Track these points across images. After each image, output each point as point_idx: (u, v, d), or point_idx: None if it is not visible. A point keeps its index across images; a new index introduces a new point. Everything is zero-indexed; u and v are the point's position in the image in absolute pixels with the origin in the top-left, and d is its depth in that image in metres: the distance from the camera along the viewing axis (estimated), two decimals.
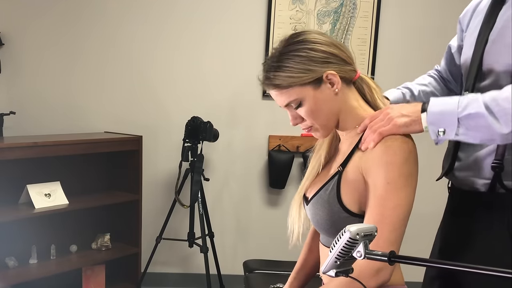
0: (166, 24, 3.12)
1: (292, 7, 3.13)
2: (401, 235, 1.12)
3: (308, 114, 1.21)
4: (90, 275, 2.88)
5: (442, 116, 1.11)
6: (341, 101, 1.22)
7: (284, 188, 3.24)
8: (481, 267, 0.78)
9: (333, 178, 1.21)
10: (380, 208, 1.11)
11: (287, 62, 1.18)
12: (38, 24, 3.03)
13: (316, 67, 1.17)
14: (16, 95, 3.04)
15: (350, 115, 1.24)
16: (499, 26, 1.23)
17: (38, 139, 2.54)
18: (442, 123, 1.11)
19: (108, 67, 3.12)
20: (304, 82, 1.18)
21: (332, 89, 1.19)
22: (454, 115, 1.10)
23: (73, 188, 2.77)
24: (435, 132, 1.12)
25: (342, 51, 1.22)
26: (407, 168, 1.12)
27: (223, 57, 3.16)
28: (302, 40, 1.20)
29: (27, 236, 2.67)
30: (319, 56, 1.18)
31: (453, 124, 1.10)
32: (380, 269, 1.10)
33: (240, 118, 3.22)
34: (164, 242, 3.00)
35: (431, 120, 1.12)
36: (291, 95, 1.20)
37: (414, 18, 3.19)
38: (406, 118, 1.14)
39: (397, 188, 1.11)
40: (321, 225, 1.23)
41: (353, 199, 1.17)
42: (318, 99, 1.19)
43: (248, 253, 3.21)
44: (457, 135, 1.10)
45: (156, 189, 3.21)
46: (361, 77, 1.27)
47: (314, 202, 1.24)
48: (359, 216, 1.17)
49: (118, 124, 3.12)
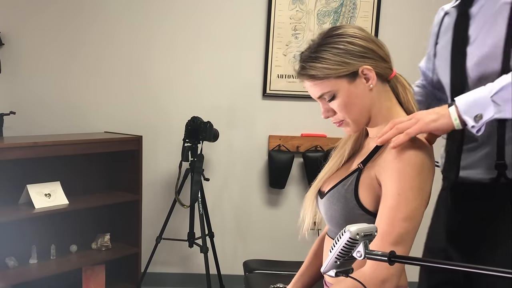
0: (166, 24, 3.12)
1: (292, 7, 3.13)
2: (409, 245, 1.11)
3: (341, 107, 1.21)
4: (90, 275, 2.88)
5: (475, 103, 1.12)
6: (374, 97, 1.22)
7: (284, 188, 3.24)
8: (481, 267, 0.78)
9: (353, 174, 1.21)
10: (390, 219, 1.10)
11: (325, 54, 1.18)
12: (38, 24, 3.03)
13: (352, 61, 1.17)
14: (16, 95, 3.04)
15: (381, 113, 1.23)
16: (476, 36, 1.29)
17: (38, 139, 2.54)
18: (476, 109, 1.12)
19: (108, 67, 3.12)
20: (339, 75, 1.17)
21: (366, 85, 1.19)
22: (486, 97, 1.11)
23: (73, 188, 2.77)
24: (472, 118, 1.11)
25: (380, 48, 1.22)
26: (419, 181, 1.11)
27: (223, 57, 3.16)
28: (341, 33, 1.20)
29: (27, 236, 2.67)
30: (356, 50, 1.18)
31: (488, 105, 1.11)
32: (386, 280, 1.08)
33: (240, 118, 3.22)
34: (164, 242, 3.00)
35: (464, 110, 1.12)
36: (325, 87, 1.20)
37: (414, 18, 3.19)
38: (434, 115, 1.14)
39: (408, 199, 1.10)
40: (334, 219, 1.23)
41: (369, 197, 1.17)
42: (352, 93, 1.19)
43: (248, 253, 3.21)
44: (495, 113, 1.11)
45: (156, 189, 3.21)
46: (397, 76, 1.27)
47: (330, 196, 1.24)
48: (374, 215, 1.16)
49: (118, 124, 3.11)
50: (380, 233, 1.08)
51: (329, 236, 1.32)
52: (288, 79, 3.18)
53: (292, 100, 3.20)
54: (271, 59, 3.15)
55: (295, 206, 3.30)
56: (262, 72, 3.18)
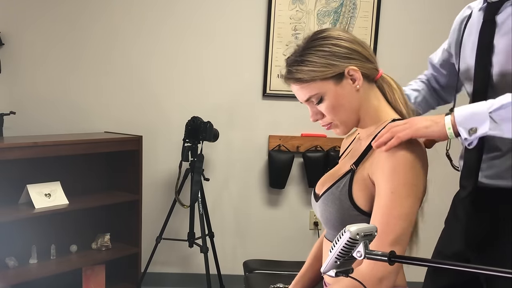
0: (166, 24, 3.12)
1: (292, 7, 3.13)
2: (406, 243, 1.12)
3: (329, 109, 1.22)
4: (90, 275, 2.88)
5: (472, 116, 1.12)
6: (362, 98, 1.22)
7: (284, 188, 3.24)
8: (481, 267, 0.78)
9: (346, 176, 1.22)
10: (385, 217, 1.10)
11: (310, 57, 1.19)
12: (38, 24, 3.03)
13: (338, 62, 1.18)
14: (16, 95, 3.04)
15: (369, 113, 1.24)
16: (502, 46, 1.27)
17: (38, 139, 2.54)
18: (472, 122, 1.12)
19: (109, 67, 3.12)
20: (325, 77, 1.19)
21: (353, 85, 1.20)
22: (484, 113, 1.11)
23: (73, 188, 2.77)
24: (466, 130, 1.12)
25: (364, 48, 1.23)
26: (411, 177, 1.12)
27: (223, 57, 3.16)
28: (326, 36, 1.22)
29: (27, 236, 2.67)
30: (341, 52, 1.19)
31: (485, 120, 1.11)
32: (384, 278, 1.09)
33: (240, 118, 3.22)
34: (164, 242, 3.00)
35: (460, 121, 1.12)
36: (312, 89, 1.21)
37: (414, 18, 3.19)
38: (427, 122, 1.15)
39: (401, 197, 1.11)
40: (330, 221, 1.23)
41: (364, 198, 1.17)
42: (339, 94, 1.20)
43: (248, 253, 3.21)
44: (490, 129, 1.11)
45: (156, 189, 3.21)
46: (383, 77, 1.28)
47: (325, 198, 1.24)
48: (369, 215, 1.17)
49: (118, 124, 3.11)
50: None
51: (327, 239, 1.32)
52: None
53: (292, 100, 3.19)
54: (271, 59, 3.15)
55: (295, 206, 3.30)
56: (262, 72, 3.18)
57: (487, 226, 1.35)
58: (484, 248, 1.35)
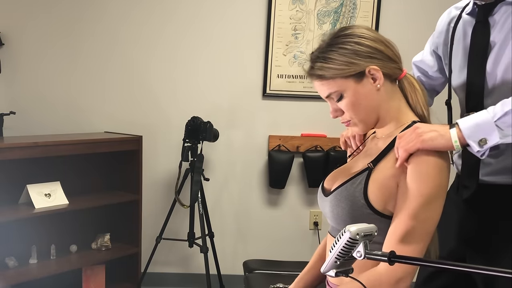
0: (166, 24, 3.12)
1: (292, 7, 3.13)
2: (426, 246, 1.14)
3: (348, 107, 1.22)
4: (90, 275, 2.88)
5: (478, 127, 1.12)
6: (382, 98, 1.23)
7: (284, 188, 3.24)
8: (481, 267, 0.78)
9: (362, 173, 1.21)
10: (411, 221, 1.11)
11: (332, 54, 1.20)
12: (38, 24, 3.03)
13: (359, 61, 1.19)
14: (16, 95, 3.04)
15: (389, 113, 1.24)
16: (496, 47, 1.27)
17: (38, 139, 2.54)
18: (480, 133, 1.12)
19: (109, 67, 3.12)
20: (346, 75, 1.19)
21: (374, 85, 1.20)
22: (489, 122, 1.11)
23: (73, 188, 2.77)
24: (476, 142, 1.12)
25: (388, 48, 1.24)
26: (439, 180, 1.13)
27: (223, 57, 3.16)
28: (349, 33, 1.22)
29: (27, 236, 2.67)
30: (363, 51, 1.19)
31: (493, 130, 1.11)
32: (401, 279, 1.10)
33: (240, 118, 3.22)
34: (164, 242, 3.00)
35: (468, 134, 1.12)
36: (332, 86, 1.21)
37: (414, 18, 3.19)
38: (433, 133, 1.14)
39: (429, 201, 1.12)
40: (340, 217, 1.23)
41: (380, 197, 1.17)
42: (359, 93, 1.20)
43: (248, 253, 3.21)
44: (501, 138, 1.11)
45: (156, 189, 3.21)
46: (407, 77, 1.28)
47: (337, 194, 1.24)
48: (382, 215, 1.17)
49: (118, 124, 3.12)
50: (399, 234, 1.11)
51: (331, 235, 1.32)
52: (288, 79, 3.18)
53: (292, 100, 3.21)
54: (271, 59, 3.15)
55: (295, 206, 3.30)
56: (262, 72, 3.18)
57: (481, 223, 1.35)
58: (479, 245, 1.35)
